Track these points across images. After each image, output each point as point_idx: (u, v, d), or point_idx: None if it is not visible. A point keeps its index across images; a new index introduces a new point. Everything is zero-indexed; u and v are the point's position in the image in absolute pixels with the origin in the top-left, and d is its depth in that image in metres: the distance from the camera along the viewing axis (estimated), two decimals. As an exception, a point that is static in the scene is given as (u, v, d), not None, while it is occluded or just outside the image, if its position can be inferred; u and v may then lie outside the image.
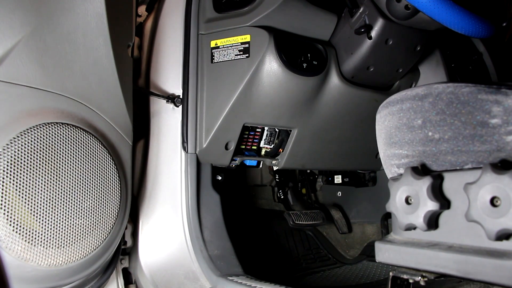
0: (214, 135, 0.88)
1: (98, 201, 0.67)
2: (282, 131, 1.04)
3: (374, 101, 0.97)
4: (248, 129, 1.01)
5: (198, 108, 0.88)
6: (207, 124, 0.88)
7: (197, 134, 0.88)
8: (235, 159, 0.99)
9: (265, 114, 0.91)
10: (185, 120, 0.88)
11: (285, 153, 1.02)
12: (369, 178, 1.24)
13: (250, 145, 1.04)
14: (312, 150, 1.04)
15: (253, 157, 1.03)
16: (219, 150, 0.92)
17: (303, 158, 1.04)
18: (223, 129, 0.89)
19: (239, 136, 0.93)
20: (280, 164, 1.04)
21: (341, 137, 1.05)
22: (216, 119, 0.87)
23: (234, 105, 0.86)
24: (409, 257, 0.50)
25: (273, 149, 1.05)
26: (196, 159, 0.89)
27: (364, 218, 1.24)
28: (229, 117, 0.88)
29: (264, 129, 1.04)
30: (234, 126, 0.90)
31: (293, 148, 1.02)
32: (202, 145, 0.89)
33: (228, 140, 0.92)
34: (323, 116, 0.98)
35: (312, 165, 1.07)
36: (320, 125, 1.00)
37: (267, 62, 0.83)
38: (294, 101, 0.90)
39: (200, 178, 0.91)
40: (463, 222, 0.46)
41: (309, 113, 0.96)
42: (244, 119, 0.90)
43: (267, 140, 1.05)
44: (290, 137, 1.01)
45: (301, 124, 0.98)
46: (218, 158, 0.93)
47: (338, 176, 1.28)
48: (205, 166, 0.92)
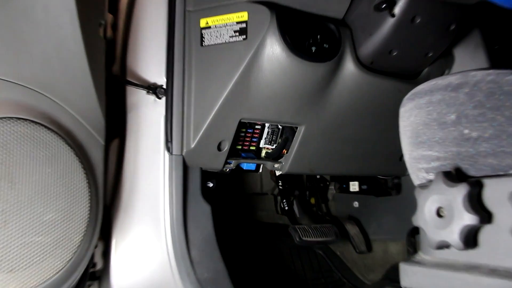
0: (205, 133, 0.88)
1: (62, 214, 0.65)
2: (287, 128, 1.04)
3: (398, 92, 0.97)
4: (246, 126, 1.01)
5: (185, 101, 0.88)
6: (196, 119, 0.87)
7: (184, 132, 0.88)
8: (229, 162, 0.98)
9: (266, 108, 0.91)
10: (169, 115, 0.87)
11: (290, 155, 1.03)
12: (392, 186, 1.25)
13: (247, 145, 1.04)
14: (323, 151, 1.04)
15: (252, 160, 1.03)
16: (211, 151, 0.92)
17: (312, 161, 1.05)
18: (216, 126, 0.88)
19: (234, 135, 0.93)
20: (284, 168, 1.04)
21: (357, 136, 1.05)
22: (207, 114, 0.87)
23: (228, 97, 0.86)
24: (442, 283, 0.48)
25: (276, 150, 1.06)
26: (183, 162, 0.89)
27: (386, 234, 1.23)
28: (223, 112, 0.87)
29: (264, 126, 1.04)
30: (228, 122, 0.90)
31: (300, 149, 1.02)
32: (190, 145, 0.88)
33: (221, 139, 0.92)
34: (336, 110, 0.97)
35: (323, 169, 1.07)
36: (332, 121, 1.00)
37: (268, 45, 0.82)
38: (301, 93, 0.90)
39: (187, 185, 0.91)
40: (509, 240, 0.45)
41: (319, 106, 0.96)
42: (241, 114, 0.90)
43: (268, 139, 1.05)
44: (296, 135, 1.01)
45: (310, 120, 0.98)
46: (209, 160, 0.93)
47: (354, 183, 1.28)
48: (193, 171, 0.92)
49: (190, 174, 0.92)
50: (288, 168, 1.03)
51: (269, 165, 1.05)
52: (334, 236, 1.18)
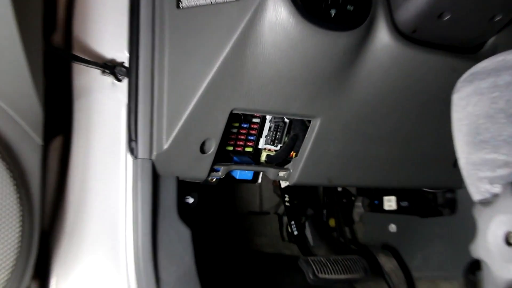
0: (183, 129, 0.88)
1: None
2: (296, 122, 1.05)
3: (451, 72, 0.96)
4: (239, 119, 1.02)
5: (156, 84, 0.88)
6: (170, 110, 0.88)
7: (154, 128, 0.88)
8: (217, 169, 0.99)
9: (267, 95, 0.92)
10: (134, 104, 0.88)
11: (300, 160, 1.04)
12: (443, 202, 1.25)
13: (242, 145, 1.05)
14: (346, 154, 1.05)
15: (248, 166, 1.04)
16: (191, 155, 0.92)
17: (331, 167, 1.05)
18: (198, 119, 0.89)
19: (224, 131, 0.93)
20: (293, 178, 1.05)
21: (394, 133, 1.06)
22: (185, 103, 0.88)
23: (215, 79, 0.86)
24: None
25: (281, 152, 1.06)
26: (152, 169, 0.89)
27: (435, 270, 1.23)
28: (208, 100, 0.88)
29: (265, 119, 1.05)
30: (215, 114, 0.90)
31: (314, 151, 1.02)
32: (162, 145, 0.89)
33: (205, 138, 0.92)
34: (364, 98, 0.98)
35: (346, 179, 1.09)
36: (359, 113, 1.00)
37: (271, 7, 0.82)
38: (315, 73, 0.91)
39: (158, 200, 0.91)
40: None
41: (340, 92, 0.96)
42: (233, 102, 0.91)
43: (270, 137, 1.06)
44: (309, 132, 1.02)
45: (328, 111, 0.98)
46: (188, 167, 0.93)
47: (390, 199, 1.31)
48: (166, 181, 0.92)
49: (163, 186, 0.92)
50: (298, 177, 1.04)
51: (271, 173, 1.05)
52: (362, 272, 1.16)
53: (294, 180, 1.04)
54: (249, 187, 1.39)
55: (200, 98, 0.87)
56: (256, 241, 1.35)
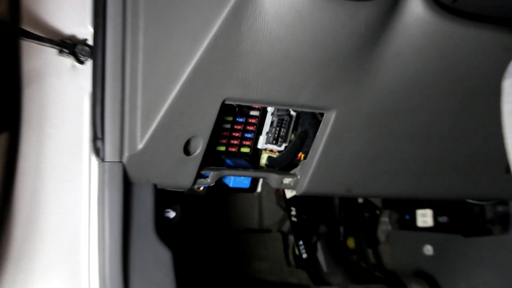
0: (162, 124, 0.89)
1: None
2: (305, 116, 1.06)
3: (502, 52, 0.96)
4: (233, 111, 1.02)
5: (128, 67, 0.88)
6: (146, 101, 0.89)
7: (125, 123, 0.89)
8: (205, 175, 1.00)
9: (268, 81, 0.92)
10: (99, 93, 0.88)
11: (310, 163, 1.04)
12: (492, 217, 1.26)
13: (237, 145, 1.05)
14: (368, 155, 1.05)
15: (244, 171, 1.04)
16: (172, 156, 0.93)
17: (349, 173, 1.05)
18: (181, 111, 0.90)
19: (214, 127, 0.94)
20: (301, 186, 1.05)
21: (429, 129, 1.05)
22: (165, 91, 0.88)
23: (204, 61, 0.87)
24: None
25: (286, 153, 1.06)
26: (123, 174, 0.90)
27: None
28: (194, 87, 0.88)
29: (266, 112, 1.06)
30: (203, 105, 0.91)
31: (328, 152, 1.03)
32: (136, 145, 0.90)
33: (190, 135, 0.93)
34: (392, 85, 0.98)
35: (368, 188, 1.09)
36: (384, 104, 1.00)
37: (273, -31, 0.85)
38: (330, 54, 0.91)
39: (131, 214, 0.92)
40: None
41: (361, 78, 0.96)
42: (225, 90, 0.91)
43: (272, 134, 1.06)
44: (322, 128, 1.02)
45: (345, 102, 0.98)
46: (169, 172, 0.94)
47: (425, 213, 1.32)
48: (141, 190, 0.94)
49: (136, 196, 0.93)
50: (307, 185, 1.04)
51: (274, 180, 1.06)
52: (390, 306, 1.24)
53: (303, 188, 1.05)
54: (245, 198, 1.40)
55: (184, 85, 0.87)
56: (255, 266, 1.35)
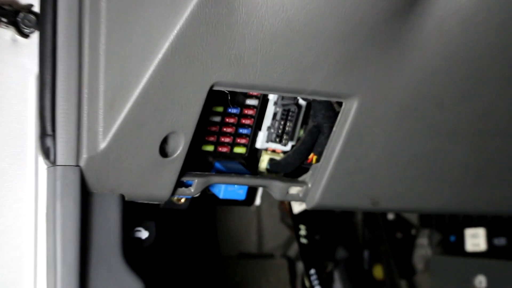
0: (131, 116, 0.91)
1: None
2: (317, 106, 1.07)
3: None
4: (224, 100, 1.03)
5: (86, 42, 0.90)
6: (111, 85, 0.90)
7: (83, 114, 0.91)
8: (187, 182, 1.01)
9: (270, 60, 0.94)
10: (49, 75, 0.90)
11: (324, 167, 1.06)
12: None
13: (229, 144, 1.08)
14: (400, 158, 1.07)
15: (238, 178, 1.05)
16: (145, 158, 0.95)
17: (375, 181, 1.07)
18: (156, 99, 0.91)
19: (198, 120, 0.95)
20: (312, 198, 1.07)
21: (484, 124, 1.06)
22: (136, 73, 0.90)
23: (186, 34, 0.88)
24: None
25: (293, 155, 1.09)
26: (80, 182, 0.92)
27: None
28: (173, 67, 0.90)
29: (267, 101, 1.08)
30: (185, 91, 0.93)
31: (347, 154, 1.04)
32: (97, 143, 0.92)
33: (168, 131, 0.95)
34: (433, 64, 0.99)
35: (401, 200, 1.11)
36: (422, 90, 1.01)
37: None
38: (351, 24, 0.93)
39: (90, 234, 0.93)
40: None
41: (392, 55, 0.97)
42: (214, 72, 0.93)
43: (275, 130, 1.08)
44: (340, 121, 1.04)
45: (370, 87, 1.00)
46: (141, 179, 0.96)
47: (476, 233, 1.33)
48: (104, 203, 0.95)
49: (98, 210, 0.95)
50: (320, 197, 1.06)
51: (277, 189, 1.07)
52: None
53: (315, 201, 1.06)
54: (240, 214, 1.39)
55: (160, 65, 0.89)
56: (253, 302, 1.39)
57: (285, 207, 1.38)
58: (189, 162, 0.99)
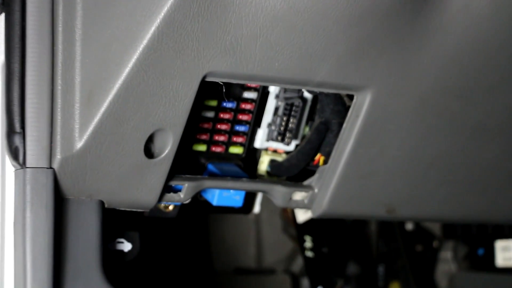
0: (111, 111, 0.90)
1: None
2: (325, 99, 1.06)
3: None
4: (218, 93, 1.02)
5: (60, 25, 0.90)
6: (88, 76, 0.90)
7: (57, 109, 0.90)
8: (176, 187, 1.01)
9: (270, 47, 0.93)
10: (17, 64, 0.90)
11: (333, 170, 1.06)
12: None
13: (224, 143, 1.07)
14: (421, 159, 1.06)
15: (234, 182, 1.04)
16: (127, 159, 0.94)
17: (391, 185, 1.07)
18: (140, 92, 0.90)
19: (189, 115, 0.94)
20: (319, 205, 1.07)
21: None
22: (117, 62, 0.89)
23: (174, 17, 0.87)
24: None
25: (297, 155, 1.08)
26: (54, 186, 0.91)
27: None
28: (160, 55, 0.89)
29: (267, 94, 1.07)
30: (173, 82, 0.92)
31: (360, 154, 1.04)
32: (73, 142, 0.91)
33: (154, 128, 0.94)
34: (458, 52, 0.99)
35: (421, 207, 1.10)
36: (446, 81, 1.01)
37: None
38: (364, 5, 0.92)
39: (65, 246, 0.92)
40: None
41: (411, 41, 0.97)
42: (207, 61, 0.92)
43: (277, 127, 1.08)
44: (351, 117, 1.03)
45: (386, 77, 1.00)
46: (122, 183, 0.96)
47: (508, 245, 1.39)
48: (81, 210, 0.95)
49: (74, 219, 0.94)
50: (329, 203, 1.06)
51: (279, 195, 1.07)
52: None
53: (323, 208, 1.06)
54: (237, 223, 1.37)
55: (145, 52, 0.88)
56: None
57: (288, 215, 1.38)
58: (178, 163, 0.98)
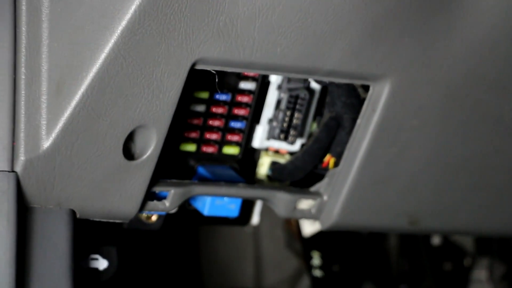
0: (84, 103, 0.90)
1: None
2: (336, 91, 1.07)
3: None
4: (211, 83, 1.02)
5: (24, 4, 0.91)
6: (57, 62, 0.91)
7: (20, 101, 0.91)
8: (160, 194, 1.02)
9: (272, 29, 0.93)
10: None
11: (346, 174, 1.07)
12: None
13: (216, 142, 1.08)
14: (450, 161, 1.09)
15: (228, 188, 1.05)
16: (103, 161, 0.95)
17: (415, 192, 1.09)
18: (119, 81, 0.90)
19: (176, 110, 0.95)
20: (330, 215, 1.09)
21: None
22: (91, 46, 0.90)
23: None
24: None
25: (303, 156, 1.09)
26: (17, 193, 0.91)
27: None
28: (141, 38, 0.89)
29: (267, 84, 1.08)
30: (157, 70, 0.92)
31: (378, 154, 1.05)
32: (39, 141, 0.91)
33: (135, 125, 0.94)
34: (497, 34, 1.01)
35: (450, 218, 1.13)
36: (481, 69, 1.03)
37: None
38: None
39: (30, 262, 0.92)
40: None
41: (438, 21, 0.98)
42: (196, 45, 0.92)
43: (279, 123, 1.09)
44: (367, 111, 1.05)
45: (408, 64, 1.01)
46: (98, 189, 0.96)
47: None
48: (49, 220, 0.95)
49: (40, 231, 0.94)
50: (340, 213, 1.07)
51: (282, 203, 1.08)
52: None
53: (333, 219, 1.07)
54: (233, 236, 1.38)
55: (124, 35, 0.88)
56: None
57: (292, 227, 1.39)
58: (163, 166, 0.99)
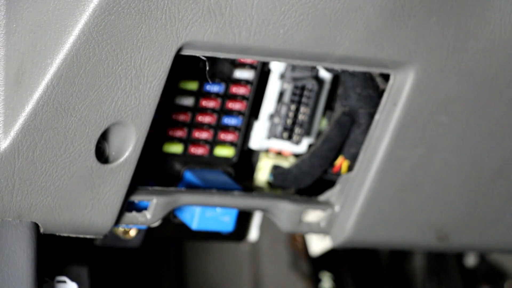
0: (50, 96, 0.94)
1: None
2: (350, 81, 1.11)
3: None
4: (200, 72, 1.07)
5: None
6: (15, 49, 0.95)
7: None
8: (140, 204, 1.05)
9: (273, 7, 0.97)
10: None
11: (361, 180, 1.11)
12: None
13: (208, 141, 1.12)
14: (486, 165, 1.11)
15: (221, 197, 1.08)
16: (73, 164, 0.98)
17: (444, 203, 1.11)
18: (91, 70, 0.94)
19: (158, 104, 0.99)
20: (342, 230, 1.12)
21: None
22: (57, 30, 0.93)
23: None
24: None
25: (311, 159, 1.13)
26: None
27: None
28: (118, 18, 0.93)
29: (267, 72, 1.12)
30: (137, 57, 0.96)
31: (399, 156, 1.09)
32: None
33: (110, 122, 0.98)
34: None
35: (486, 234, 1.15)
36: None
37: None
38: None
39: None
40: None
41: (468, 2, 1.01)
42: (183, 26, 0.96)
43: (282, 119, 1.13)
44: (387, 105, 1.09)
45: (436, 50, 1.04)
46: (65, 198, 0.99)
47: None
48: (7, 236, 0.98)
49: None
50: (355, 227, 1.11)
51: (285, 214, 1.11)
52: None
53: (346, 233, 1.10)
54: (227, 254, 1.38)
55: (97, 15, 0.91)
56: None
57: (297, 244, 1.39)
58: (144, 171, 1.02)
